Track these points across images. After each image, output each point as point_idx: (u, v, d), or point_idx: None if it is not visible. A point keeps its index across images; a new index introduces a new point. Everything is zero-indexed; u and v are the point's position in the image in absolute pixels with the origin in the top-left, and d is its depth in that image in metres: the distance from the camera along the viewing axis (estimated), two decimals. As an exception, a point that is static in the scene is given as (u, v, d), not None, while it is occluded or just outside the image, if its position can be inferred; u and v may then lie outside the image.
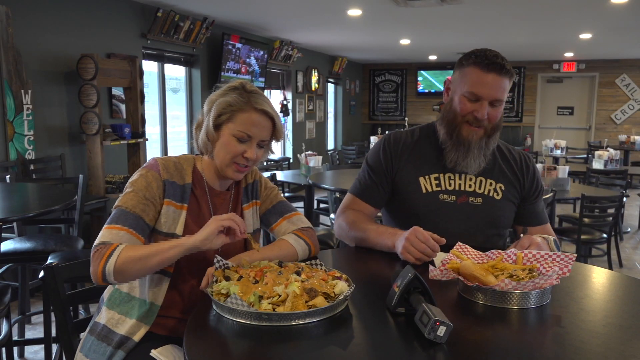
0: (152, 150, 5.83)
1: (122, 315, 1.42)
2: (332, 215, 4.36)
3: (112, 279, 1.29)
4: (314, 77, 9.65)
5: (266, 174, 4.26)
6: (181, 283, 1.44)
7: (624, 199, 4.28)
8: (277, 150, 9.12)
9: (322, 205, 5.31)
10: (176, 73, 6.40)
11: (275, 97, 8.87)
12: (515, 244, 1.56)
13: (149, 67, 5.76)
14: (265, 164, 6.78)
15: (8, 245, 2.83)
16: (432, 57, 10.78)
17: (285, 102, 8.74)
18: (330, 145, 11.14)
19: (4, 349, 2.28)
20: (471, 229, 1.75)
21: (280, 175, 4.96)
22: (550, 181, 4.33)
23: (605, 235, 4.17)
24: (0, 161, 3.90)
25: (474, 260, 1.45)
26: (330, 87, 11.11)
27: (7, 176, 3.46)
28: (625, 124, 10.78)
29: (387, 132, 9.22)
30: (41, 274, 2.31)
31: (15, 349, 2.84)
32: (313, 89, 9.66)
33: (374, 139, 7.64)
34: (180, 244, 1.30)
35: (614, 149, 6.63)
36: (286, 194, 5.44)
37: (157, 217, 1.42)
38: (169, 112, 6.15)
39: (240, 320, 1.14)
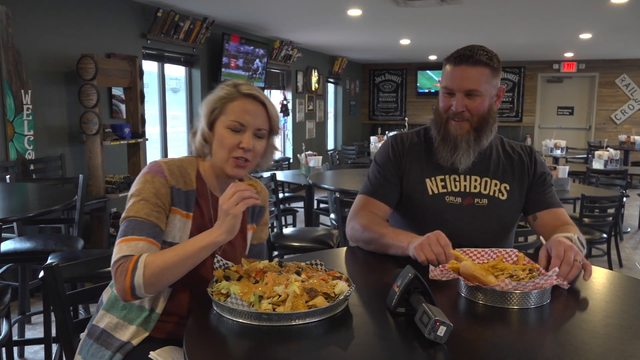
0: (152, 150, 5.83)
1: (121, 320, 1.40)
2: (332, 215, 4.36)
3: (143, 292, 1.26)
4: (314, 77, 9.65)
5: (266, 174, 4.26)
6: (180, 288, 1.42)
7: (624, 199, 4.28)
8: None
9: (322, 205, 5.31)
10: (176, 73, 6.40)
11: (275, 97, 8.87)
12: (548, 248, 1.45)
13: (149, 67, 5.76)
14: (265, 163, 6.76)
15: (8, 245, 2.83)
16: (432, 57, 10.78)
17: (285, 102, 8.73)
18: (330, 145, 11.14)
19: (4, 349, 2.28)
20: (477, 231, 1.74)
21: (280, 175, 4.96)
22: (550, 181, 4.32)
23: (605, 235, 4.17)
24: (0, 161, 3.90)
25: (474, 260, 1.45)
26: (330, 87, 11.11)
27: (7, 176, 3.45)
28: (625, 124, 10.78)
29: (387, 132, 9.09)
30: (41, 274, 2.31)
31: (15, 349, 2.84)
32: (313, 89, 9.65)
33: (374, 139, 7.64)
34: (210, 243, 1.27)
35: (614, 149, 6.63)
36: (286, 194, 5.45)
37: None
38: (169, 112, 6.15)
39: (240, 320, 1.14)
